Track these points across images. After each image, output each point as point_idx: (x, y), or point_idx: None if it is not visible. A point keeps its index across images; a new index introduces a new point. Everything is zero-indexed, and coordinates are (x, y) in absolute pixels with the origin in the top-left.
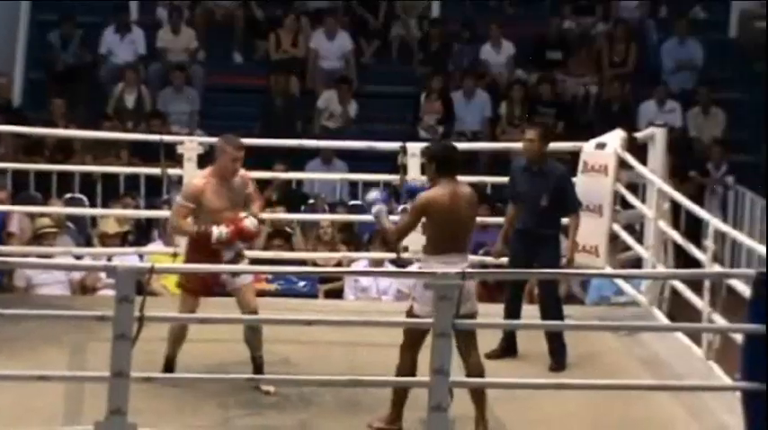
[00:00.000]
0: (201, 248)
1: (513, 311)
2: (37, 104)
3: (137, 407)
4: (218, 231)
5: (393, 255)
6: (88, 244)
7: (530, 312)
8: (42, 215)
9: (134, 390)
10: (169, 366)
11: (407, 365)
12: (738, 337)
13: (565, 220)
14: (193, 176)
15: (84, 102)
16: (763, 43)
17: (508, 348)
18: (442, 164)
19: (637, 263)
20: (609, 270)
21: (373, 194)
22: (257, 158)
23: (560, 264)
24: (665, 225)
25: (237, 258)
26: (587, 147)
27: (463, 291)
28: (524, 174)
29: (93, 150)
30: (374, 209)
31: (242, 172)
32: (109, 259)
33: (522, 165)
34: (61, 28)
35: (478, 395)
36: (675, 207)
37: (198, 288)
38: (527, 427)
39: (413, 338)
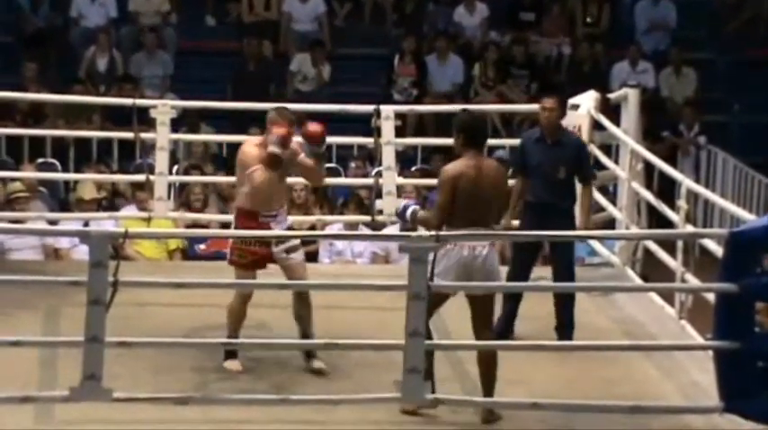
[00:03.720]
0: (249, 223)
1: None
2: (7, 68)
3: (113, 372)
4: (271, 139)
5: (367, 218)
6: (61, 208)
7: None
8: (14, 180)
9: (110, 355)
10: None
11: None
12: (711, 297)
13: None
14: (247, 143)
15: (55, 65)
16: (735, 4)
17: (506, 327)
18: (471, 135)
19: (610, 223)
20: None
21: (403, 202)
22: (231, 122)
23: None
24: (638, 186)
25: (290, 231)
26: None
27: (484, 266)
28: (538, 145)
29: (65, 115)
30: (408, 212)
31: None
32: (86, 224)
33: (534, 137)
34: None
35: (486, 369)
36: (648, 168)
37: (251, 262)
38: (503, 388)
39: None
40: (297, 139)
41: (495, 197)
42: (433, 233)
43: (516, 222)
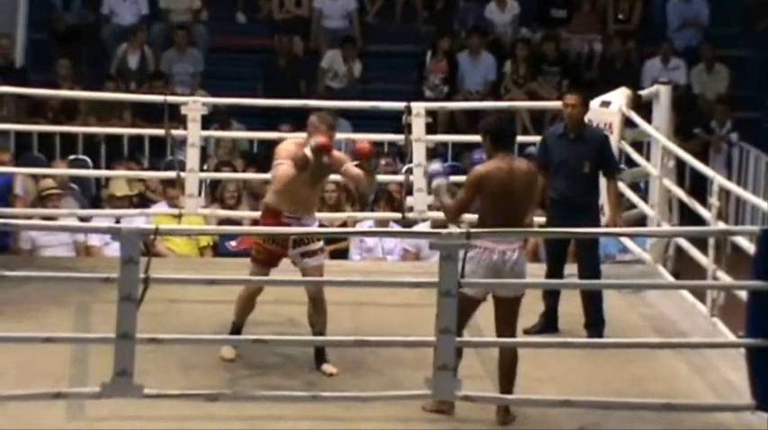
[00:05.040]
0: (271, 221)
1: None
2: (40, 65)
3: (144, 369)
4: (311, 143)
5: (398, 215)
6: (93, 205)
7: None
8: (46, 177)
9: (141, 352)
10: (236, 333)
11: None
12: (743, 294)
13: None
14: (285, 143)
15: (86, 62)
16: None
17: (548, 325)
18: (497, 138)
19: (642, 221)
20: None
21: (435, 166)
22: (262, 119)
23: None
24: (669, 183)
25: (309, 236)
26: (592, 106)
27: (513, 270)
28: (561, 140)
29: (97, 111)
30: (434, 182)
31: (334, 153)
32: (117, 221)
33: (558, 133)
34: None
35: (506, 371)
36: (680, 165)
37: (266, 259)
38: (534, 386)
39: (460, 312)
40: (335, 153)
41: (527, 199)
42: (464, 231)
43: (541, 219)
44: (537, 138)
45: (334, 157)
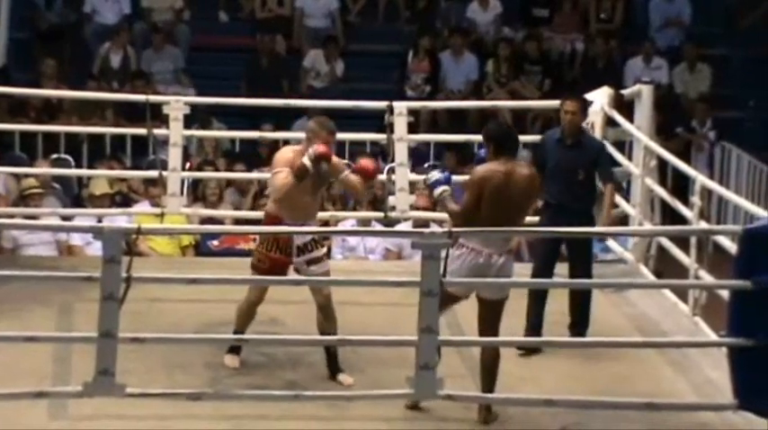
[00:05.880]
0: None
1: (540, 293)
2: (22, 64)
3: (126, 368)
4: (309, 152)
5: (380, 215)
6: (75, 205)
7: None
8: (28, 176)
9: (123, 351)
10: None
11: None
12: (725, 294)
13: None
14: (284, 150)
15: (69, 61)
16: None
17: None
18: (499, 143)
19: (624, 220)
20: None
21: (435, 174)
22: (244, 118)
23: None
24: (651, 182)
25: (313, 243)
26: None
27: (499, 274)
28: (558, 146)
29: (79, 111)
30: (437, 191)
31: (333, 159)
32: (99, 220)
33: (555, 137)
34: None
35: (487, 370)
36: (662, 164)
37: (270, 269)
38: (516, 385)
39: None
40: (334, 159)
41: (523, 205)
42: (445, 230)
43: (534, 219)
44: (520, 138)
45: (333, 164)
